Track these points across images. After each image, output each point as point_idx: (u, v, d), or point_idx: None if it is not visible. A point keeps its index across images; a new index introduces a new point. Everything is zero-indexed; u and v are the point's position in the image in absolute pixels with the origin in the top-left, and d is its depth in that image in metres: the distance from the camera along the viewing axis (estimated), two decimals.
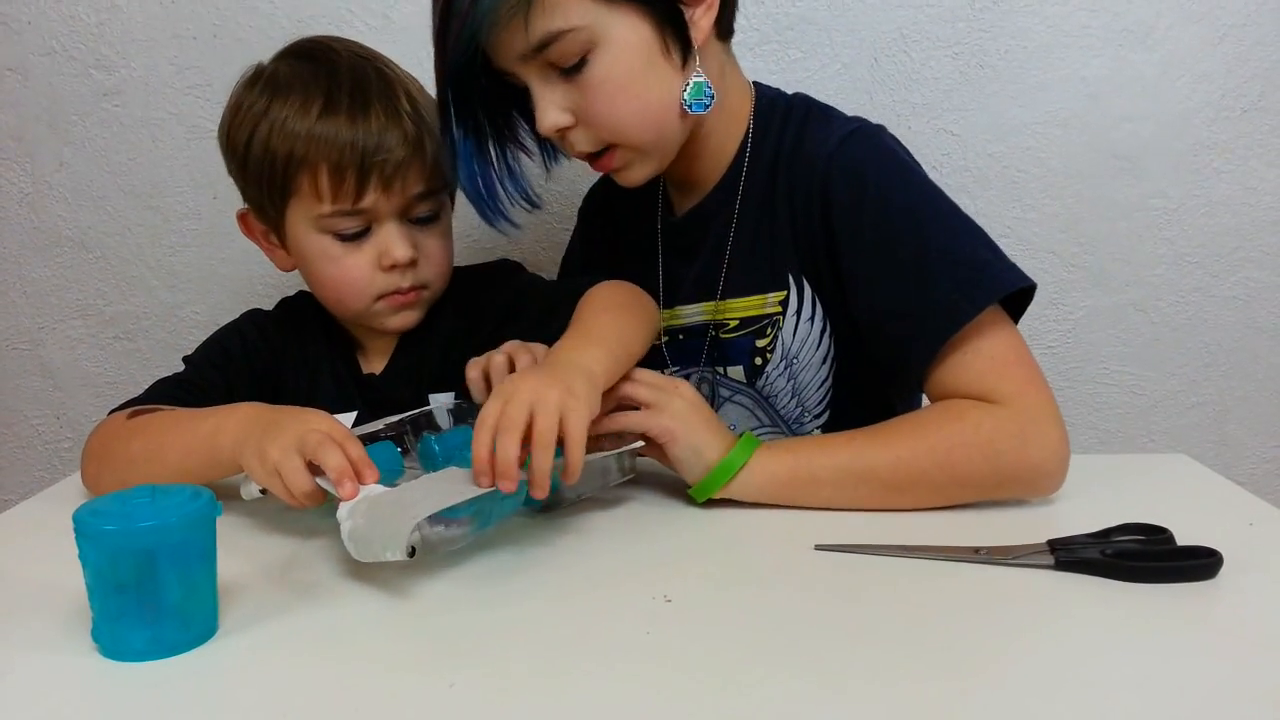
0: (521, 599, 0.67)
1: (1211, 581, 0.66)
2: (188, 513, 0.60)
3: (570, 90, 0.83)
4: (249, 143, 0.93)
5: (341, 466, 0.71)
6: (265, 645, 0.62)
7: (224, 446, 0.79)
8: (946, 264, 0.83)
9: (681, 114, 0.87)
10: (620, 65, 0.82)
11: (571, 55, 0.81)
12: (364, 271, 0.95)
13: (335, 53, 0.95)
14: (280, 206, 0.95)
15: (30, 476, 1.50)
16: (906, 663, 0.57)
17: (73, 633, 0.62)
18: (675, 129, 0.88)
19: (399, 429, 0.90)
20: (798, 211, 0.92)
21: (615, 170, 0.89)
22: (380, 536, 0.65)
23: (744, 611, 0.65)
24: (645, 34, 0.83)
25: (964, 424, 0.79)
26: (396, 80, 0.95)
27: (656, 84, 0.84)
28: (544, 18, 0.79)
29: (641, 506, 0.85)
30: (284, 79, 0.93)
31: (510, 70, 0.84)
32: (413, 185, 0.93)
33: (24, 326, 1.45)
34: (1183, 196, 1.36)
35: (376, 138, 0.90)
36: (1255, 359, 1.41)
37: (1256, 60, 1.31)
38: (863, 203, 0.87)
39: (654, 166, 0.90)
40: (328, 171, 0.90)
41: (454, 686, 0.56)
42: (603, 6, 0.80)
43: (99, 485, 0.87)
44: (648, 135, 0.87)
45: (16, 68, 1.35)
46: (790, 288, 0.94)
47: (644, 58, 0.83)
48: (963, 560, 0.70)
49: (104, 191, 1.39)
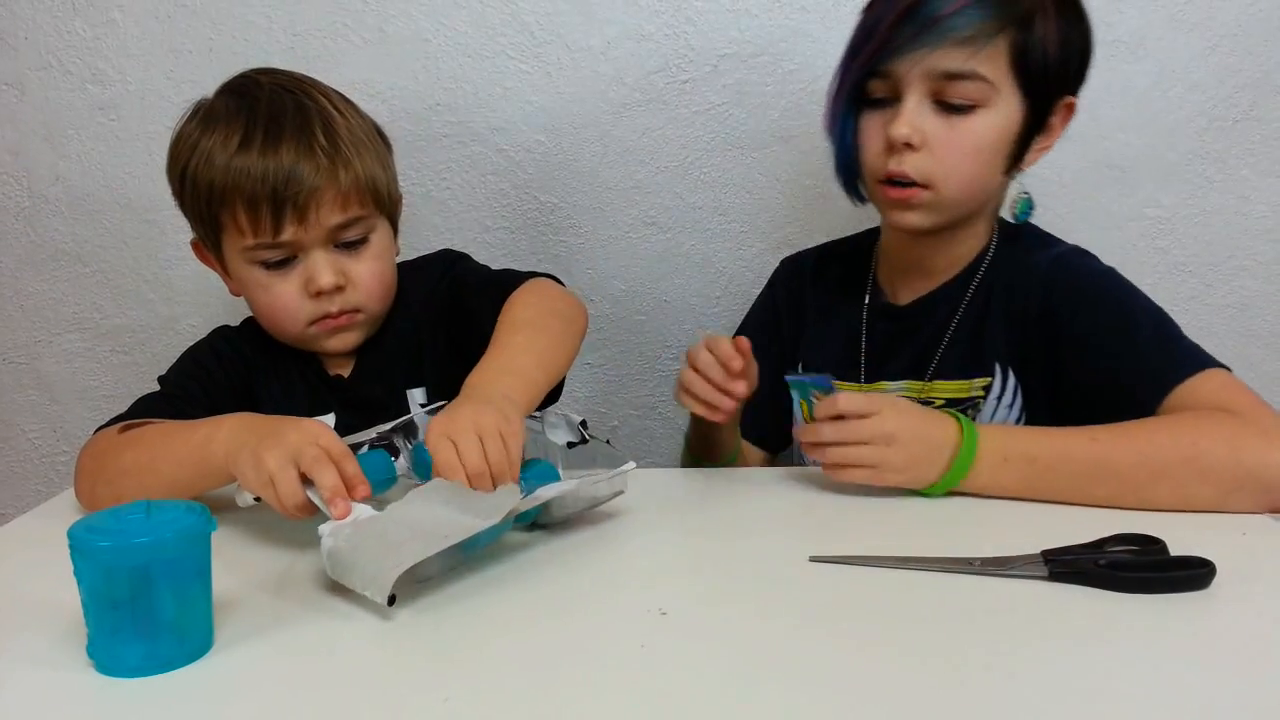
0: (516, 613, 0.67)
1: (1205, 592, 0.66)
2: (183, 528, 0.60)
3: (936, 121, 0.91)
4: (182, 175, 0.96)
5: (335, 486, 0.71)
6: (260, 660, 0.62)
7: (216, 455, 0.79)
8: (1171, 329, 0.91)
9: (979, 205, 0.98)
10: (992, 131, 0.92)
11: (968, 98, 0.90)
12: (293, 299, 0.97)
13: (259, 86, 0.97)
14: (216, 238, 0.97)
15: (26, 490, 1.50)
16: (902, 675, 0.57)
17: (68, 648, 0.62)
18: (968, 208, 0.97)
19: (388, 437, 0.91)
20: (1015, 305, 0.98)
21: (909, 206, 0.94)
22: (361, 572, 0.65)
23: (739, 624, 0.65)
24: (1014, 122, 0.92)
25: (1209, 419, 0.82)
26: (315, 111, 0.96)
27: (991, 164, 0.94)
28: (978, 57, 0.88)
29: (636, 519, 0.85)
30: (213, 113, 0.96)
31: (900, 74, 0.90)
32: (329, 214, 0.94)
33: (21, 340, 1.45)
34: (1176, 206, 1.36)
35: (287, 171, 0.91)
36: (1250, 367, 1.41)
37: (1248, 70, 1.31)
38: (1084, 288, 0.95)
39: (933, 222, 0.96)
40: (243, 206, 0.92)
41: (449, 701, 0.56)
42: (1012, 80, 0.90)
43: (93, 500, 0.87)
44: (961, 196, 0.94)
45: (13, 82, 1.36)
46: (995, 375, 0.99)
47: (1005, 138, 0.93)
48: (958, 571, 0.70)
49: (100, 205, 1.40)
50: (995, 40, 0.88)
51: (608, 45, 1.34)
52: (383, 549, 0.66)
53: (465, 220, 1.40)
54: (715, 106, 1.36)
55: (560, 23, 1.33)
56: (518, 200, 1.39)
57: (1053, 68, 0.91)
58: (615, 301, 1.43)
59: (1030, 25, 0.89)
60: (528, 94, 1.35)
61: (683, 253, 1.41)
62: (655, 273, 1.42)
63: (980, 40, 0.87)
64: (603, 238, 1.41)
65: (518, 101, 1.35)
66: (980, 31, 0.87)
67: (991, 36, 0.88)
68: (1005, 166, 0.95)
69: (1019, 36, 0.89)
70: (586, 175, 1.38)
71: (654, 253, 1.41)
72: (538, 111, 1.36)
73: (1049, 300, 0.95)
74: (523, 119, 1.36)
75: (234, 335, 1.09)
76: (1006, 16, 0.88)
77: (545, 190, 1.39)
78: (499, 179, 1.38)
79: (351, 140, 0.96)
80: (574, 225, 1.40)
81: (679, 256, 1.41)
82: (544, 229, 1.40)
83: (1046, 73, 0.91)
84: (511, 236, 1.40)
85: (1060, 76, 0.93)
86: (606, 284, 1.42)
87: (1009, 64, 0.89)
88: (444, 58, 1.34)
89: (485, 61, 1.34)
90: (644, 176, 1.38)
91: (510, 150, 1.37)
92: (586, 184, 1.38)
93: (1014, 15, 0.88)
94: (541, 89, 1.35)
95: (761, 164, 1.37)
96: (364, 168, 0.96)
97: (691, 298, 1.43)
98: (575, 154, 1.37)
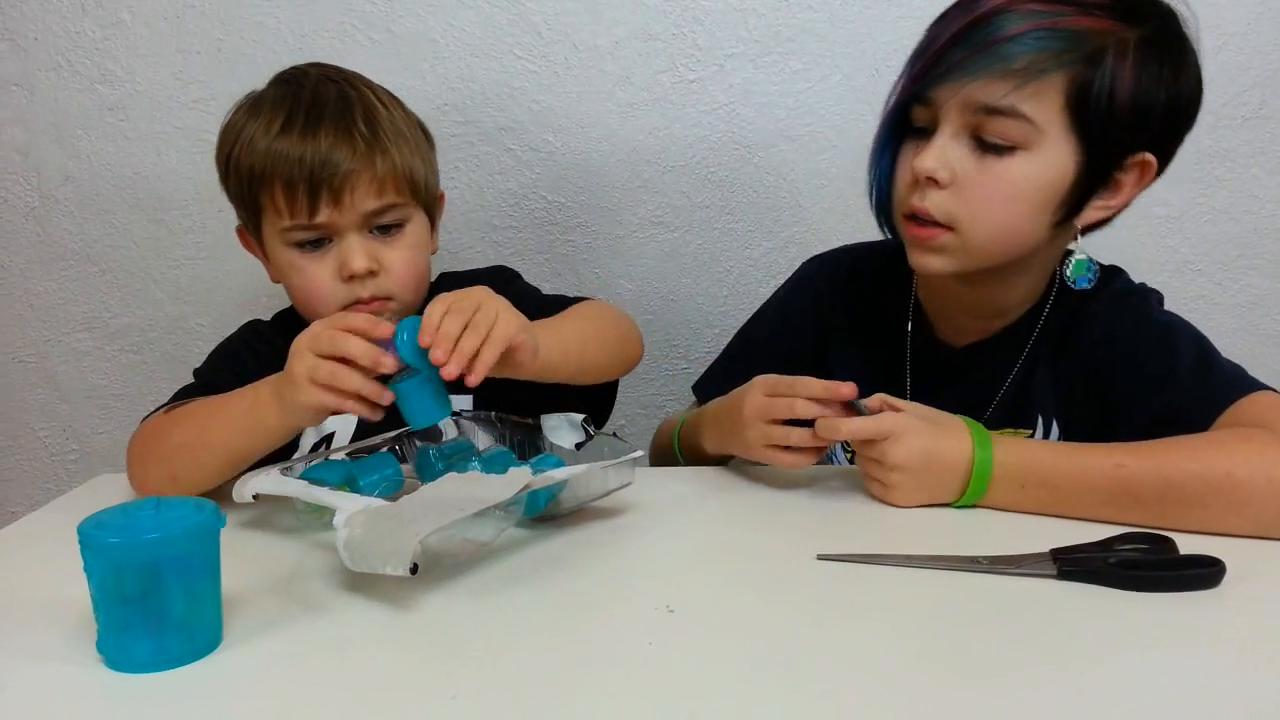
0: (524, 609, 0.67)
1: (1214, 591, 0.66)
2: (192, 525, 0.60)
3: (967, 160, 0.83)
4: (227, 160, 0.99)
5: (367, 349, 0.75)
6: (269, 657, 0.62)
7: (265, 406, 0.81)
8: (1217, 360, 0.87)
9: (1016, 256, 0.88)
10: (1031, 179, 0.82)
11: (1006, 138, 0.81)
12: (326, 282, 0.98)
13: (307, 76, 1.00)
14: (256, 222, 0.99)
15: (36, 488, 1.51)
16: (909, 673, 0.57)
17: (78, 644, 0.62)
18: (1001, 258, 0.88)
19: (396, 441, 0.91)
20: (1064, 360, 0.93)
21: (929, 248, 0.87)
22: (380, 551, 0.65)
23: (746, 621, 0.65)
24: (1064, 172, 0.83)
25: (1246, 443, 0.75)
26: (357, 100, 0.99)
27: (1029, 215, 0.85)
28: (1022, 93, 0.79)
29: (643, 516, 0.85)
30: (261, 101, 0.99)
31: (940, 102, 0.83)
32: (365, 199, 0.96)
33: (30, 339, 1.46)
34: (1185, 204, 1.36)
35: (325, 154, 0.93)
36: (1259, 366, 1.39)
37: (1257, 68, 1.31)
38: (1137, 328, 0.90)
39: (957, 268, 0.88)
40: (282, 187, 0.94)
41: (457, 698, 0.56)
42: (1065, 124, 0.80)
43: (146, 484, 0.89)
44: (989, 244, 0.86)
45: (22, 83, 1.36)
46: (1038, 426, 0.95)
47: (1050, 189, 0.83)
48: (966, 570, 0.70)
49: (109, 205, 1.40)
50: (1050, 76, 0.79)
51: (615, 45, 1.34)
52: (399, 526, 0.67)
53: (473, 219, 1.40)
54: (722, 106, 1.36)
55: (568, 22, 1.34)
56: (525, 199, 1.39)
57: (1121, 116, 0.80)
58: (622, 301, 1.43)
59: (1099, 64, 0.79)
60: (535, 94, 1.36)
61: (690, 252, 1.41)
62: (662, 272, 1.42)
63: (1031, 73, 0.78)
64: (610, 237, 1.41)
65: (525, 101, 1.36)
66: (1033, 64, 0.78)
67: (1046, 71, 0.78)
68: (1054, 220, 0.86)
69: (1081, 75, 0.79)
70: (594, 174, 1.38)
71: (661, 252, 1.41)
72: (545, 111, 1.36)
73: (1101, 364, 0.91)
74: (530, 119, 1.36)
75: (265, 328, 1.11)
76: (1070, 51, 0.78)
77: (553, 189, 1.39)
78: (506, 178, 1.39)
79: (392, 130, 0.98)
80: (581, 224, 1.40)
81: (686, 255, 1.41)
82: (551, 228, 1.40)
83: (1111, 121, 0.80)
84: (519, 235, 1.40)
85: (1131, 128, 0.82)
86: (613, 283, 1.42)
87: (1064, 105, 0.80)
88: (452, 58, 1.34)
89: (493, 61, 1.35)
90: (651, 176, 1.38)
91: (518, 150, 1.37)
92: (594, 183, 1.39)
93: (1079, 51, 0.78)
94: (549, 89, 1.35)
95: (769, 163, 1.37)
96: (401, 157, 0.98)
97: (698, 297, 1.43)
98: (583, 153, 1.37)
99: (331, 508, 0.71)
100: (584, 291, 1.42)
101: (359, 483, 0.82)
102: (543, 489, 0.76)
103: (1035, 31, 0.78)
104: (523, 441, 0.92)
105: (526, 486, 0.73)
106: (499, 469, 0.78)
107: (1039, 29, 0.79)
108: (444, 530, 0.67)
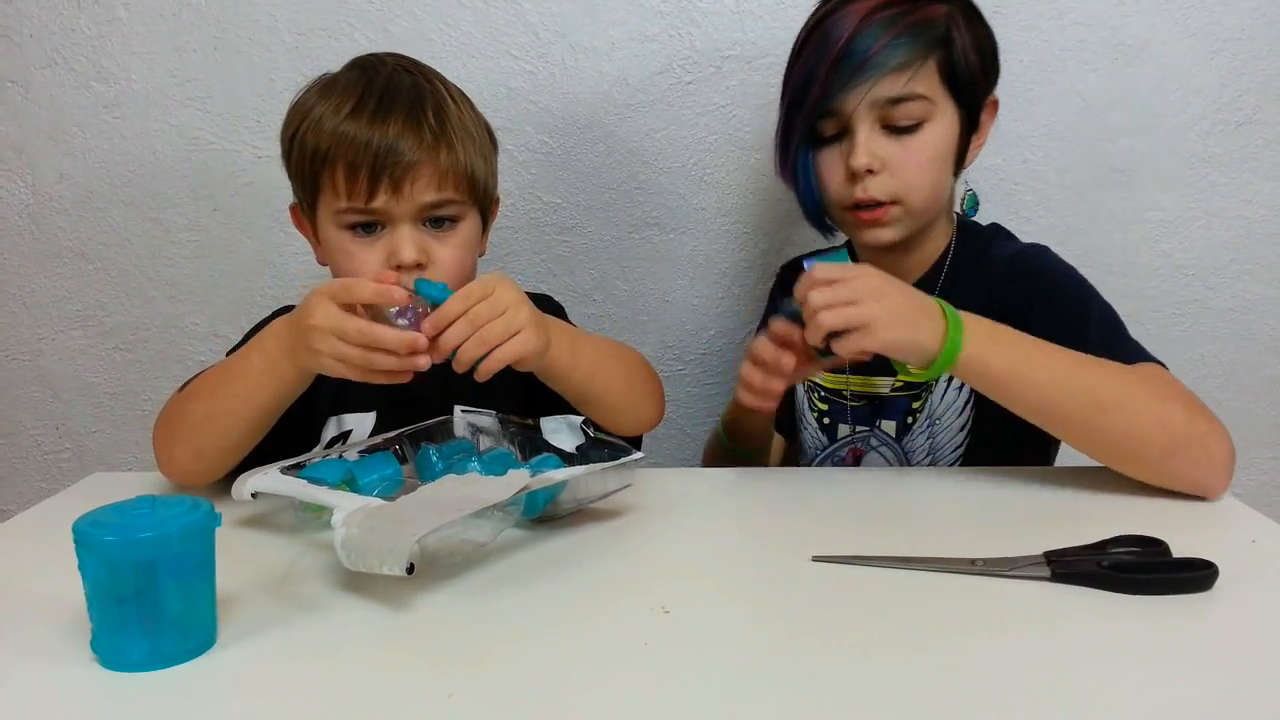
0: (520, 610, 0.67)
1: (1207, 594, 0.66)
2: (187, 524, 0.60)
3: (890, 146, 0.97)
4: (292, 137, 0.99)
5: (377, 290, 0.79)
6: (264, 656, 0.62)
7: (280, 364, 0.85)
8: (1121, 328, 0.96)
9: (939, 209, 1.04)
10: (939, 141, 0.99)
11: (912, 117, 0.97)
12: (374, 269, 0.96)
13: (383, 63, 1.01)
14: (313, 201, 0.99)
15: (30, 487, 1.50)
16: (904, 675, 0.57)
17: (72, 643, 0.62)
18: (933, 214, 1.03)
19: (396, 441, 0.91)
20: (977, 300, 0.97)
21: (882, 224, 1.00)
22: (377, 550, 0.65)
23: (742, 623, 0.65)
24: (954, 128, 1.00)
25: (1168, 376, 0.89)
26: (430, 93, 0.99)
27: (944, 170, 1.02)
28: (914, 80, 0.95)
29: (639, 517, 0.85)
30: (334, 83, 0.99)
31: (848, 110, 0.96)
32: (424, 191, 0.95)
33: (24, 337, 1.45)
34: (1179, 209, 1.36)
35: (391, 141, 0.93)
36: (1252, 371, 1.41)
37: (1251, 74, 1.31)
38: (1045, 285, 1.00)
39: (905, 233, 1.01)
40: (344, 169, 0.94)
41: (452, 697, 0.56)
42: (945, 92, 0.98)
43: (172, 464, 0.92)
44: (926, 204, 1.01)
45: (17, 80, 1.36)
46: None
47: (950, 144, 1.01)
48: (960, 572, 0.70)
49: (104, 203, 1.40)
50: (926, 62, 0.96)
51: (612, 46, 1.34)
52: (396, 525, 0.67)
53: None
54: (719, 108, 1.36)
55: (565, 24, 1.34)
56: (522, 200, 1.39)
57: (975, 74, 1.00)
58: (618, 302, 1.43)
59: (951, 42, 0.97)
60: (532, 95, 1.36)
61: (686, 254, 1.41)
62: (658, 273, 1.42)
63: (913, 65, 0.95)
64: (606, 238, 1.41)
65: (522, 102, 1.36)
66: (911, 58, 0.95)
67: (922, 59, 0.95)
68: (954, 168, 1.03)
69: (944, 54, 0.97)
70: (590, 176, 1.38)
71: (657, 253, 1.41)
72: (542, 112, 1.36)
73: (1011, 295, 0.99)
74: (527, 119, 1.36)
75: None
76: (929, 39, 0.96)
77: (549, 191, 1.39)
78: (503, 179, 1.37)
79: (460, 127, 0.98)
80: (578, 226, 1.40)
81: (682, 257, 1.42)
82: (548, 229, 1.40)
83: (972, 79, 0.99)
84: (515, 236, 1.40)
85: (982, 79, 1.01)
86: (610, 284, 1.43)
87: (940, 80, 0.97)
88: (448, 58, 1.34)
89: (489, 62, 1.35)
90: (647, 177, 1.38)
91: (514, 151, 1.37)
92: (590, 185, 1.39)
93: (935, 37, 0.96)
94: (546, 90, 1.35)
95: (765, 165, 1.37)
96: (466, 155, 0.97)
97: (694, 299, 1.43)
98: (579, 155, 1.38)
99: (330, 506, 0.71)
100: (580, 293, 1.42)
101: (358, 482, 0.83)
102: (542, 490, 0.76)
103: (898, 37, 0.94)
104: (523, 442, 0.92)
105: (525, 488, 0.73)
106: (498, 470, 0.78)
107: (899, 34, 0.94)
108: (441, 530, 0.67)
